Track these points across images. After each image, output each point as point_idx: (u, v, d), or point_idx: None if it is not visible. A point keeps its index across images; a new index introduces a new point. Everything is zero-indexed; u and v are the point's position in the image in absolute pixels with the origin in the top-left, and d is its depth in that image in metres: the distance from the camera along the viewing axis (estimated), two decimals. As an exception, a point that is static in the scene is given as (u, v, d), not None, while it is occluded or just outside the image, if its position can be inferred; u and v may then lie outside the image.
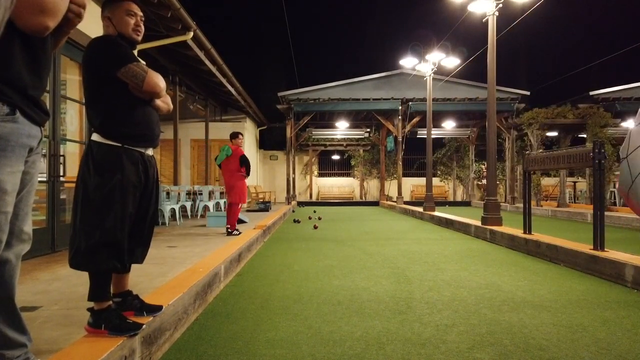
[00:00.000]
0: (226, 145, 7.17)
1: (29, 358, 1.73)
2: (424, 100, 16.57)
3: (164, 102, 2.45)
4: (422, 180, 21.30)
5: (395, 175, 21.71)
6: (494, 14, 8.38)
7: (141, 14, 2.36)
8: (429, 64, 13.75)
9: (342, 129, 21.30)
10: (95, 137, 2.22)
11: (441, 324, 2.96)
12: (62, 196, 5.27)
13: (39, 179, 5.09)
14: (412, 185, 23.27)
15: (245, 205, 7.12)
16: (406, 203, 17.93)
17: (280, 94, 18.23)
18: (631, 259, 4.34)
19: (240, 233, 6.82)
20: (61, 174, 5.06)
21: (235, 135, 7.26)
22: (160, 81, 2.28)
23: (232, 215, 6.92)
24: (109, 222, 2.14)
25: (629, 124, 16.93)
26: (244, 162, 7.05)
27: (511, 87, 17.95)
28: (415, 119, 17.97)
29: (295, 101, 17.97)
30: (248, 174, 7.12)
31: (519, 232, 6.68)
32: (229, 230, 6.84)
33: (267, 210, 13.17)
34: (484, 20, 8.67)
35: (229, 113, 17.39)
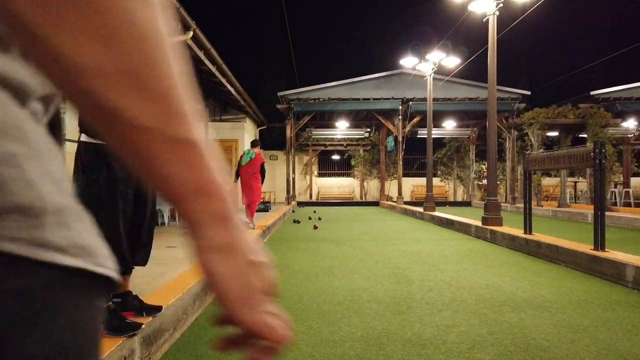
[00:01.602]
0: (250, 150, 8.09)
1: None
2: (424, 100, 16.56)
3: None
4: (422, 180, 21.27)
5: (395, 175, 21.69)
6: (494, 14, 8.37)
7: None
8: (430, 64, 13.74)
9: (342, 128, 21.28)
10: (83, 137, 2.21)
11: (441, 325, 2.95)
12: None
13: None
14: (413, 185, 23.25)
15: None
16: (406, 203, 17.92)
17: (280, 93, 18.22)
18: (632, 259, 4.34)
19: (254, 227, 7.80)
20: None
21: (255, 144, 8.21)
22: None
23: (252, 212, 8.01)
24: (100, 221, 2.13)
25: (629, 123, 16.93)
26: (263, 171, 8.05)
27: (512, 87, 17.93)
28: (416, 119, 17.95)
29: (295, 101, 17.96)
30: (262, 180, 8.14)
31: (519, 232, 6.67)
32: (248, 221, 7.91)
33: (267, 211, 13.16)
34: (484, 19, 8.66)
35: (229, 113, 17.38)
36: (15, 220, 0.27)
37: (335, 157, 24.80)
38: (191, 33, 7.97)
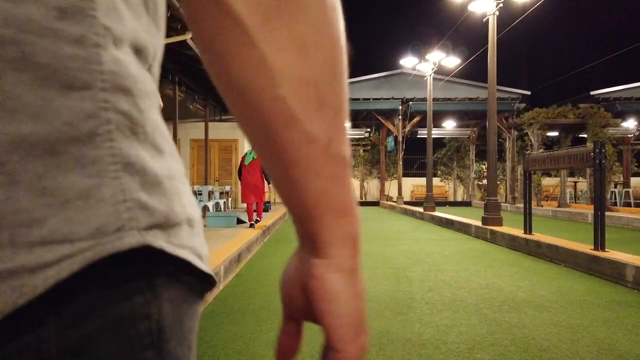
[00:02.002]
0: (252, 150, 8.17)
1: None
2: (424, 100, 16.57)
3: None
4: (422, 180, 21.29)
5: (395, 175, 21.70)
6: (494, 14, 8.38)
7: None
8: (430, 64, 13.75)
9: (342, 128, 21.25)
10: None
11: (442, 325, 2.96)
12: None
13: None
14: (413, 185, 23.26)
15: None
16: (406, 203, 17.93)
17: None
18: (632, 259, 4.34)
19: (257, 221, 8.18)
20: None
21: None
22: None
23: (259, 210, 8.48)
24: None
25: (629, 123, 16.92)
26: (264, 170, 8.27)
27: (512, 87, 17.93)
28: (416, 119, 17.96)
29: (296, 101, 17.96)
30: (268, 181, 8.20)
31: (519, 232, 6.67)
32: (257, 219, 8.28)
33: (267, 211, 13.16)
34: (484, 19, 8.66)
35: (229, 113, 17.37)
36: (185, 230, 0.31)
37: (335, 157, 24.78)
38: (191, 33, 7.97)
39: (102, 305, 0.27)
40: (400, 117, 17.82)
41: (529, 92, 18.07)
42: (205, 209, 10.35)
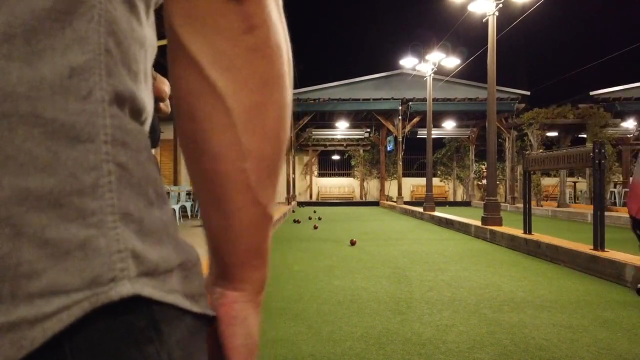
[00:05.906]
0: None
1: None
2: (424, 100, 16.56)
3: (165, 105, 2.49)
4: (422, 180, 21.28)
5: (395, 175, 21.69)
6: (494, 14, 8.38)
7: None
8: (429, 64, 13.75)
9: (342, 129, 21.28)
10: None
11: (441, 324, 2.96)
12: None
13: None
14: (412, 185, 23.25)
15: None
16: (406, 203, 17.92)
17: (280, 94, 18.23)
18: (631, 259, 4.34)
19: None
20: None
21: None
22: (166, 87, 2.35)
23: None
24: None
25: (629, 124, 16.93)
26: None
27: (511, 87, 17.94)
28: (416, 119, 17.96)
29: (295, 101, 17.96)
30: None
31: (519, 232, 6.67)
32: None
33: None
34: (484, 20, 8.67)
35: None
36: (176, 275, 0.33)
37: (335, 157, 24.78)
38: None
39: (116, 352, 0.28)
40: (400, 117, 17.82)
41: (528, 92, 18.09)
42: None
